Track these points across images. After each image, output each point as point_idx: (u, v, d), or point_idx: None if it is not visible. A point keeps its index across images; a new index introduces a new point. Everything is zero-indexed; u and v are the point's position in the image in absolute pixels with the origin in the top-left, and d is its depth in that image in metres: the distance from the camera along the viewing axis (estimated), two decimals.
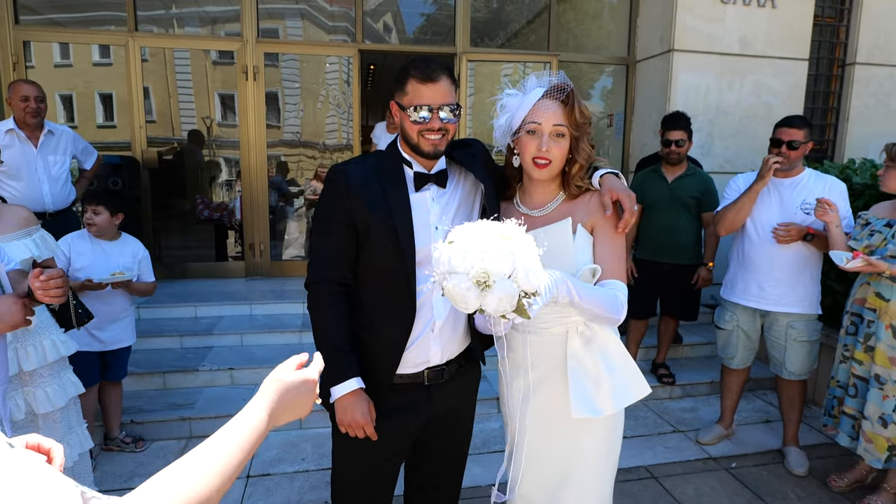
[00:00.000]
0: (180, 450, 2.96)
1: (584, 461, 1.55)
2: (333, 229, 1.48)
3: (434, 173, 1.51)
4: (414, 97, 1.41)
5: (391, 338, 1.48)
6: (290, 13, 5.39)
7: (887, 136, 5.47)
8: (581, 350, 1.46)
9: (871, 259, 2.22)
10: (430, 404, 1.54)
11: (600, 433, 1.55)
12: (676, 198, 3.45)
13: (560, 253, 1.44)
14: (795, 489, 2.69)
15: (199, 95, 5.31)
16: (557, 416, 1.52)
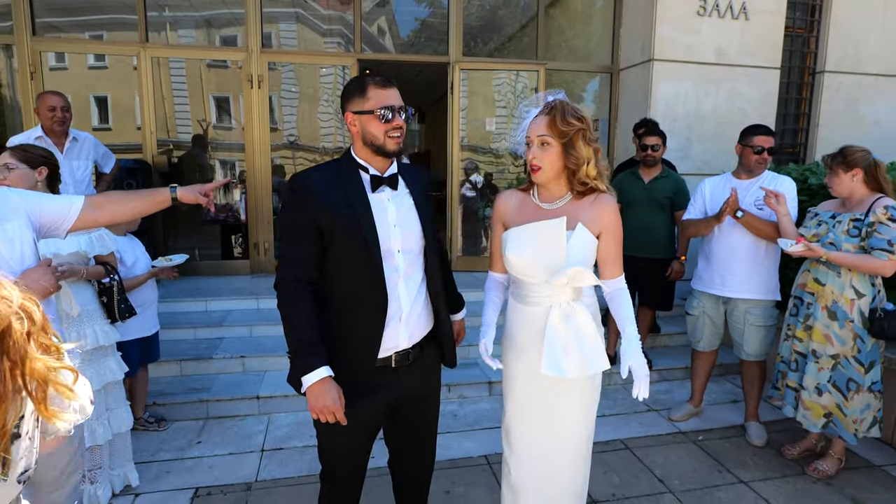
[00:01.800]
0: (199, 429, 3.25)
1: (565, 416, 1.85)
2: (301, 232, 1.60)
3: (387, 176, 1.69)
4: (378, 101, 1.60)
5: (369, 324, 1.64)
6: (291, 22, 5.68)
7: (855, 139, 5.81)
8: (559, 322, 1.75)
9: (811, 244, 2.54)
10: (399, 384, 1.72)
11: (577, 396, 1.84)
12: (652, 198, 3.76)
13: (552, 246, 1.72)
14: (753, 458, 3.01)
15: (193, 98, 5.54)
16: (541, 376, 1.80)
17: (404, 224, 1.70)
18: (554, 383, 1.80)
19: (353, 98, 1.64)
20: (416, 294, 1.72)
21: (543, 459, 1.88)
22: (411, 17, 7.03)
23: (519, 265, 1.80)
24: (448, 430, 3.27)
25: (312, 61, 5.63)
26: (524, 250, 1.77)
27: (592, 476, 2.81)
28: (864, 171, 2.63)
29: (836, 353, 2.62)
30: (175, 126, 5.57)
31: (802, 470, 2.87)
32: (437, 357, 1.88)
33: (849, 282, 2.59)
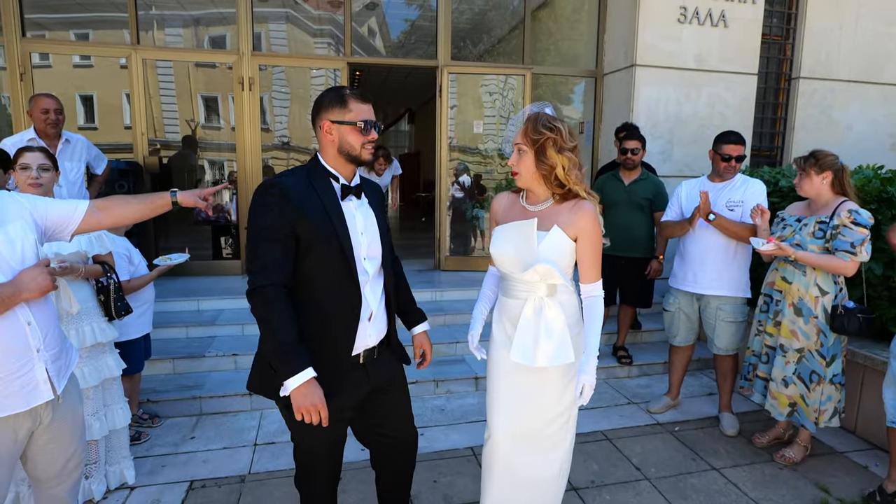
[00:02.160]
0: (193, 425, 3.34)
1: (540, 403, 1.98)
2: (277, 237, 1.63)
3: (354, 185, 1.78)
4: (358, 113, 1.70)
5: (345, 325, 1.74)
6: (281, 23, 5.75)
7: (828, 143, 6.05)
8: (531, 314, 1.90)
9: (781, 244, 2.70)
10: (368, 379, 1.83)
11: (550, 385, 1.97)
12: (632, 200, 3.91)
13: (525, 244, 1.87)
14: (726, 446, 3.17)
15: (181, 98, 5.57)
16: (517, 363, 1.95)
17: (369, 232, 1.81)
18: (529, 372, 1.95)
19: (333, 108, 1.71)
20: (381, 296, 1.86)
21: (519, 443, 2.01)
22: (401, 18, 7.14)
23: (499, 259, 1.96)
24: (436, 424, 3.39)
25: (303, 64, 5.72)
26: (504, 246, 1.93)
27: (573, 462, 2.94)
28: (834, 174, 2.78)
29: (801, 347, 2.79)
30: (163, 126, 5.61)
31: (771, 457, 3.03)
32: (397, 352, 2.00)
33: (813, 280, 2.75)
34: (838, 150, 6.22)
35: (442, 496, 2.66)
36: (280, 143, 5.86)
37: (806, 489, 2.77)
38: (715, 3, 5.48)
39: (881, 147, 6.33)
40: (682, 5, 5.40)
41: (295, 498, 2.62)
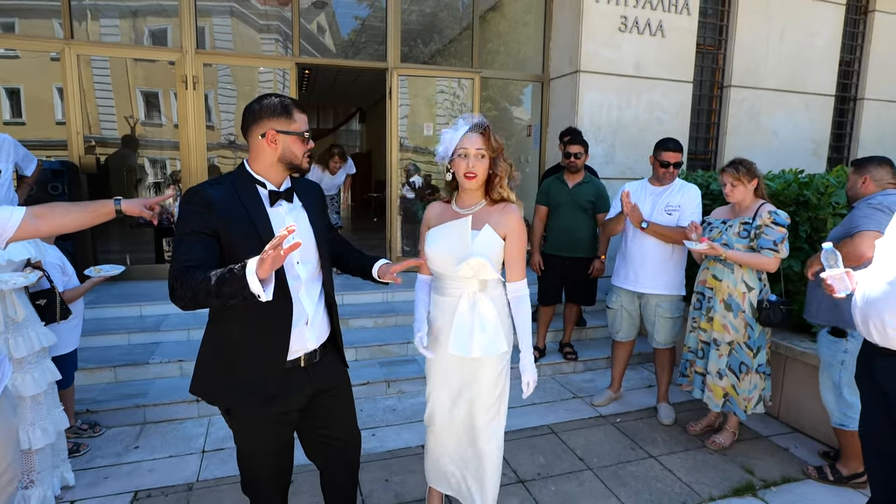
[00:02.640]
0: (136, 434, 3.25)
1: (476, 392, 2.13)
2: (198, 241, 1.61)
3: (283, 191, 1.78)
4: (302, 124, 1.74)
5: (278, 330, 1.73)
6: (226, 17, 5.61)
7: (757, 147, 6.47)
8: (465, 309, 2.05)
9: (713, 244, 2.89)
10: (310, 382, 1.84)
11: (485, 374, 2.14)
12: (575, 201, 4.06)
13: (459, 241, 2.04)
14: (663, 435, 3.36)
15: (119, 93, 5.35)
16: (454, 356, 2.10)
17: (301, 236, 1.77)
18: (466, 363, 2.11)
19: (278, 118, 1.71)
20: (318, 300, 1.85)
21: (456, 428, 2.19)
22: (351, 16, 7.11)
23: (435, 258, 2.08)
24: (387, 424, 3.43)
25: (250, 64, 5.62)
26: (439, 245, 2.07)
27: (520, 458, 3.07)
28: (759, 180, 3.00)
29: (731, 340, 3.01)
30: (99, 123, 5.37)
31: (703, 444, 3.24)
32: (338, 354, 2.02)
33: (740, 277, 2.96)
34: (765, 154, 6.68)
35: (394, 494, 2.71)
36: (226, 142, 5.73)
37: (734, 472, 2.98)
38: (653, 14, 5.75)
39: (804, 152, 6.80)
40: (623, 15, 5.64)
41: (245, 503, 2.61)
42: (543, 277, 4.22)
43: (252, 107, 1.74)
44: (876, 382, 2.11)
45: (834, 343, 2.78)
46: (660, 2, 5.76)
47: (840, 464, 2.89)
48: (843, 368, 2.74)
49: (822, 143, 6.95)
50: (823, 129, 6.93)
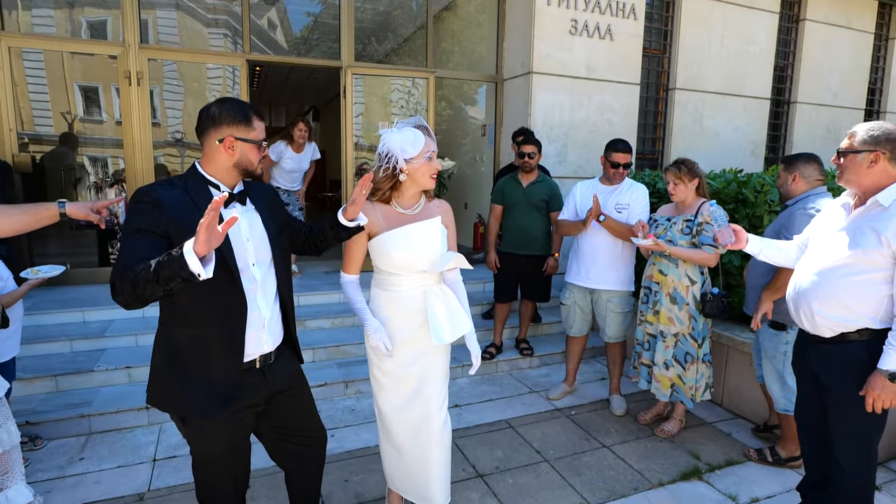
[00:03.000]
0: (81, 445, 3.11)
1: (434, 373, 2.24)
2: (147, 238, 1.56)
3: (237, 193, 1.78)
4: (259, 133, 1.74)
5: (233, 334, 1.71)
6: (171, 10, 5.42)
7: (700, 147, 6.76)
8: (435, 301, 2.13)
9: (657, 240, 3.02)
10: (266, 383, 1.83)
11: (440, 357, 2.26)
12: (530, 201, 4.15)
13: (432, 241, 2.14)
14: (615, 425, 3.48)
15: (55, 88, 5.08)
16: (414, 345, 2.19)
17: (256, 238, 1.78)
18: (423, 351, 2.20)
19: (237, 124, 1.69)
20: (273, 302, 1.84)
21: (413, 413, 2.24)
22: (302, 13, 7.00)
23: (402, 260, 2.11)
24: (346, 425, 3.42)
25: (198, 60, 5.44)
26: (409, 248, 2.10)
27: (478, 453, 3.12)
28: (700, 180, 3.15)
29: (676, 332, 3.15)
30: (32, 119, 5.08)
31: (653, 432, 3.38)
32: (294, 355, 2.02)
33: (684, 272, 3.11)
34: (708, 155, 6.97)
35: (353, 494, 2.70)
36: (173, 141, 5.54)
37: (681, 457, 3.12)
38: (602, 18, 5.92)
39: (744, 152, 7.16)
40: (574, 18, 5.78)
41: None
42: (499, 275, 4.29)
43: (211, 110, 1.70)
44: (809, 368, 2.26)
45: (775, 336, 2.94)
46: (608, 6, 5.94)
47: (779, 446, 3.08)
48: (785, 359, 2.90)
49: (759, 143, 7.34)
50: (760, 130, 7.31)
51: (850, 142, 2.06)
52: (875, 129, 2.00)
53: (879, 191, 2.00)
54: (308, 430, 2.04)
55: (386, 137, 2.08)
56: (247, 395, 1.79)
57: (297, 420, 2.00)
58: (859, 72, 8.04)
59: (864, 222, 2.02)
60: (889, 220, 1.94)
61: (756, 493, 2.82)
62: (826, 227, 2.21)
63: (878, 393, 1.97)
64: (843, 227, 2.09)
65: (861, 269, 2.00)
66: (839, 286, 2.04)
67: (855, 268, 2.01)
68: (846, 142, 2.07)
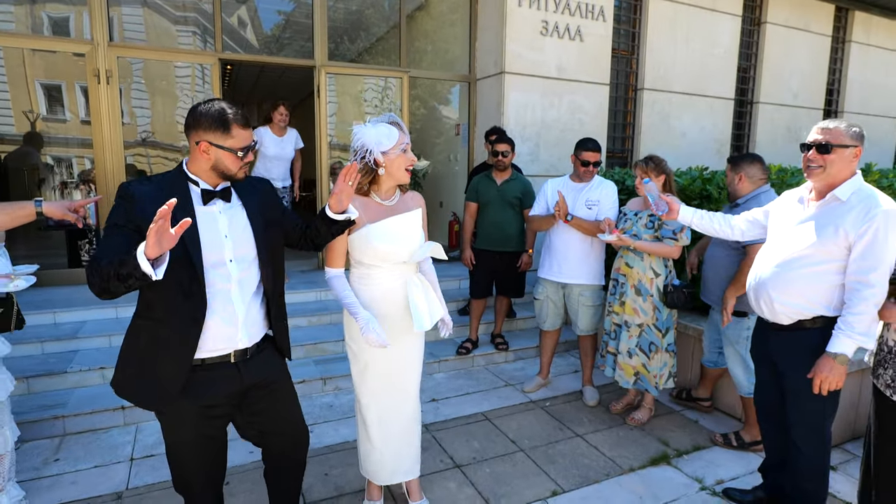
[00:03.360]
0: (56, 447, 3.08)
1: (416, 357, 2.43)
2: (119, 233, 1.63)
3: (219, 190, 1.78)
4: (239, 142, 1.71)
5: (184, 332, 1.71)
6: (137, 6, 5.33)
7: (668, 146, 6.96)
8: (416, 291, 2.25)
9: (621, 235, 3.14)
10: (240, 377, 1.84)
11: (418, 343, 2.43)
12: (504, 198, 4.24)
13: (413, 232, 2.27)
14: (588, 415, 3.60)
15: (15, 86, 4.96)
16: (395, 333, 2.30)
17: (236, 234, 1.79)
18: (403, 339, 2.34)
19: (214, 130, 1.69)
20: (252, 298, 1.84)
21: (407, 391, 2.41)
22: (274, 11, 6.97)
23: (385, 252, 2.20)
24: (325, 420, 3.45)
25: (169, 58, 5.38)
26: (393, 239, 2.20)
27: (456, 444, 3.20)
28: (667, 176, 3.27)
29: (641, 323, 3.27)
30: None
31: (624, 421, 3.50)
32: (277, 351, 2.02)
33: (649, 264, 3.24)
34: (675, 153, 7.17)
35: (333, 487, 2.75)
36: (141, 140, 5.46)
37: (651, 444, 3.25)
38: (572, 19, 6.06)
39: (709, 151, 7.40)
40: (544, 19, 5.90)
41: None
42: (475, 272, 4.37)
43: (193, 111, 1.72)
44: (768, 354, 2.40)
45: (738, 322, 3.10)
46: (578, 8, 6.08)
47: (744, 431, 3.23)
48: (747, 343, 3.04)
49: (724, 142, 7.59)
50: (725, 129, 7.57)
51: (835, 137, 2.11)
52: (853, 126, 2.13)
53: (837, 186, 2.12)
54: (283, 426, 2.03)
55: (360, 132, 2.14)
56: (219, 388, 1.81)
57: (275, 416, 2.00)
58: (818, 73, 8.38)
59: (824, 216, 2.14)
60: (847, 214, 2.07)
61: (721, 475, 2.96)
62: (784, 221, 2.33)
63: (825, 375, 2.10)
64: (802, 221, 2.22)
65: (819, 259, 2.13)
66: (798, 276, 2.17)
67: (813, 259, 2.14)
68: (826, 136, 2.12)
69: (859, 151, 2.13)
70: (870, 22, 8.77)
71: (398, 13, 6.28)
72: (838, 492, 2.81)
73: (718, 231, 2.65)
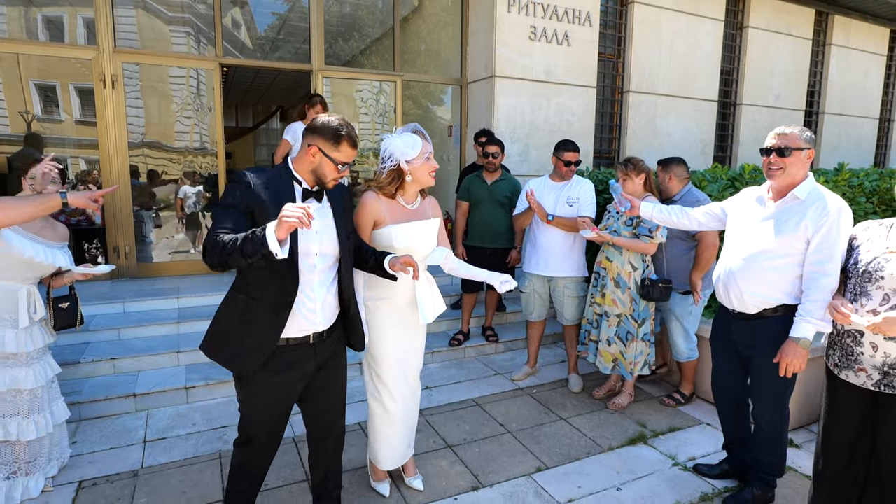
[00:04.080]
0: (73, 431, 3.28)
1: (419, 347, 2.70)
2: (233, 213, 1.88)
3: (315, 191, 2.06)
4: (343, 157, 2.00)
5: (275, 309, 1.97)
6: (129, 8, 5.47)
7: (653, 146, 7.20)
8: (426, 286, 2.48)
9: (600, 232, 3.39)
10: (315, 357, 2.11)
11: (422, 333, 2.71)
12: (494, 198, 4.46)
13: (430, 237, 2.55)
14: (572, 401, 3.84)
15: (9, 86, 5.13)
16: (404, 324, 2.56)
17: (324, 232, 2.06)
18: (413, 327, 2.59)
19: (326, 140, 1.97)
20: (328, 290, 2.11)
21: (409, 377, 2.65)
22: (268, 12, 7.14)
23: (402, 252, 2.40)
24: None
25: (171, 63, 5.57)
26: (412, 242, 2.47)
27: (448, 427, 3.43)
28: (646, 176, 3.51)
29: (619, 313, 3.51)
30: None
31: (605, 406, 3.74)
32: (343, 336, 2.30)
33: (627, 259, 3.47)
34: (661, 153, 7.42)
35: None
36: (141, 142, 5.61)
37: (629, 426, 3.49)
38: (559, 25, 6.29)
39: (694, 151, 7.66)
40: (533, 25, 6.13)
41: (195, 482, 2.80)
42: None
43: (319, 119, 2.01)
44: (731, 343, 2.63)
45: (685, 299, 3.56)
46: (565, 14, 6.31)
47: (681, 387, 3.80)
48: (691, 316, 3.62)
49: (708, 142, 7.85)
50: (709, 130, 7.83)
51: (791, 141, 2.34)
52: (805, 130, 2.38)
53: (795, 186, 2.36)
54: (328, 416, 2.30)
55: (388, 142, 2.44)
56: (297, 367, 2.08)
57: (326, 398, 2.25)
58: (799, 75, 8.66)
59: (785, 213, 2.38)
60: (806, 211, 2.31)
61: (693, 453, 3.20)
62: (745, 218, 2.56)
63: (790, 359, 2.33)
64: (765, 218, 2.44)
65: (781, 253, 2.36)
66: (764, 268, 2.40)
67: (776, 252, 2.37)
68: (783, 141, 2.35)
69: (812, 153, 2.37)
70: (849, 26, 9.06)
71: (392, 17, 6.50)
72: (800, 467, 3.05)
73: (677, 223, 2.92)
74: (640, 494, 2.79)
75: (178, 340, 4.09)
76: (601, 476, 2.94)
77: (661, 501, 2.73)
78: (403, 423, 2.67)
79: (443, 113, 7.57)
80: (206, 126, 5.71)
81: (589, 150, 6.73)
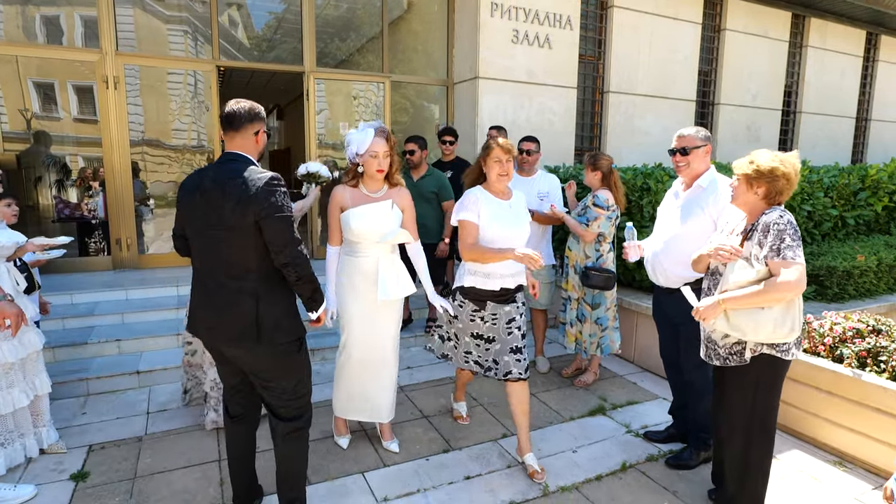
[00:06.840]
0: (82, 403, 3.60)
1: (387, 322, 2.91)
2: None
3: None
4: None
5: None
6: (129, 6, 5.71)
7: (632, 145, 7.52)
8: (386, 266, 2.80)
9: (555, 210, 3.81)
10: None
11: (391, 311, 2.93)
12: (420, 193, 4.42)
13: (384, 218, 2.79)
14: (542, 378, 4.17)
15: (7, 85, 5.34)
16: (369, 298, 2.84)
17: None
18: (377, 306, 2.86)
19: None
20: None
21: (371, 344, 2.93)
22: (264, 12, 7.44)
23: (360, 232, 2.75)
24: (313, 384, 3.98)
25: (171, 66, 5.88)
26: (366, 222, 2.76)
27: (426, 401, 3.74)
28: (602, 173, 3.81)
29: (578, 297, 3.86)
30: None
31: (572, 383, 4.07)
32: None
33: (582, 248, 3.82)
34: (640, 151, 7.72)
35: (319, 432, 3.28)
36: (141, 140, 5.88)
37: (592, 400, 3.82)
38: (541, 28, 6.60)
39: None
40: (515, 28, 6.44)
41: (197, 446, 3.11)
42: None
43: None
44: (666, 315, 2.97)
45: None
46: (546, 18, 6.62)
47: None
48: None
49: None
50: None
51: (689, 142, 2.78)
52: (700, 130, 2.80)
53: (699, 177, 2.72)
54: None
55: (349, 135, 2.80)
56: None
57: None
58: (776, 76, 8.98)
59: (692, 201, 2.74)
60: (708, 197, 2.68)
61: (646, 422, 3.52)
62: (666, 209, 2.97)
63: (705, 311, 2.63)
64: (678, 206, 2.82)
65: (693, 234, 2.71)
66: (681, 248, 2.75)
67: (689, 234, 2.72)
68: (682, 143, 2.79)
69: (709, 148, 2.81)
70: (825, 28, 9.39)
71: (381, 20, 6.80)
72: None
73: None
74: (593, 455, 3.12)
75: (177, 324, 4.40)
76: (560, 440, 3.27)
77: (611, 461, 3.06)
78: (357, 379, 2.96)
79: (432, 112, 7.88)
80: (204, 125, 6.02)
81: (570, 148, 7.04)
